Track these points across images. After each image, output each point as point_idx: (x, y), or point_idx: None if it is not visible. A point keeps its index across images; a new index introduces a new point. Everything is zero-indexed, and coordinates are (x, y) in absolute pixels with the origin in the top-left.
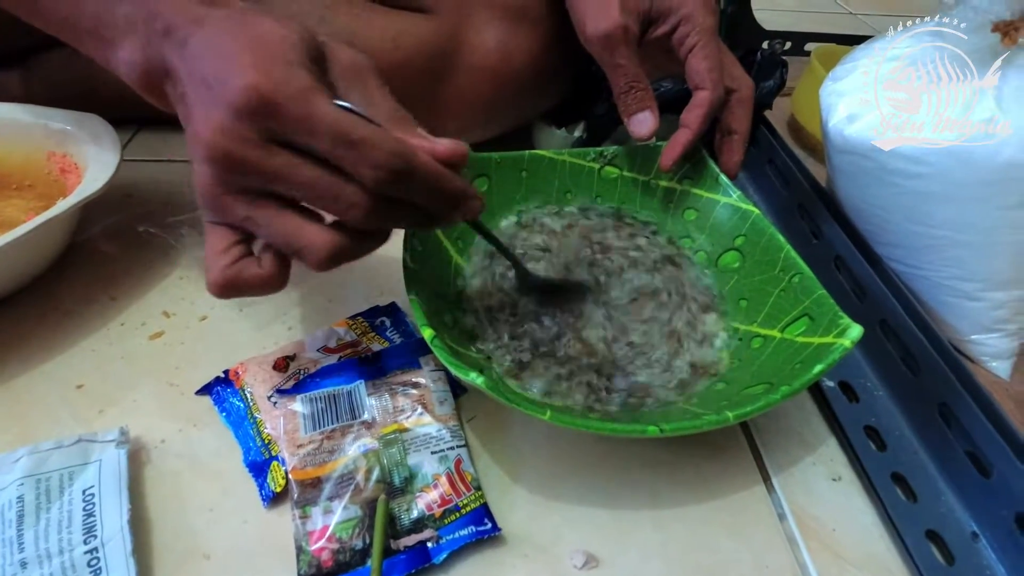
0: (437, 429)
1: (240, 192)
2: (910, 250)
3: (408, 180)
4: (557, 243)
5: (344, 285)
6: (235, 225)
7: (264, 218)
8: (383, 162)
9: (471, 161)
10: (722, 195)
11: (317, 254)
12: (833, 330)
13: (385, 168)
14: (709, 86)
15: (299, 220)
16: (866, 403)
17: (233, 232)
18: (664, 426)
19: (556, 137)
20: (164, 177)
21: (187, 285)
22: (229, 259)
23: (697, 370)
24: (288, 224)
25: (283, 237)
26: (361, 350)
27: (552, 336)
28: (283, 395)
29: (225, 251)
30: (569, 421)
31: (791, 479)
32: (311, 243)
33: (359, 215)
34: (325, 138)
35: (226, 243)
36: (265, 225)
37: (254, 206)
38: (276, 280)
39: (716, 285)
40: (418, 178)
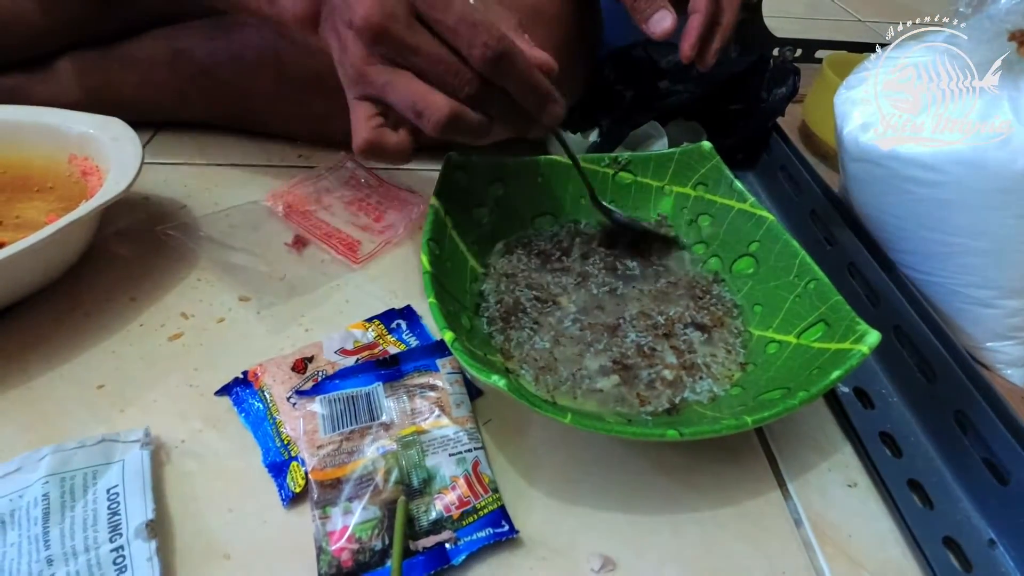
0: (455, 431)
1: (384, 61)
2: (924, 257)
3: (508, 65)
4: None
5: (360, 287)
6: (374, 97)
7: (401, 82)
8: (492, 44)
9: (489, 167)
10: (737, 201)
11: (437, 114)
12: (850, 336)
13: (492, 48)
14: None
15: (426, 87)
16: (881, 410)
17: (375, 107)
18: (683, 430)
19: (570, 141)
20: (181, 180)
21: (205, 287)
22: (373, 125)
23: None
24: (418, 89)
25: (413, 98)
26: (378, 352)
27: (569, 341)
28: (302, 396)
29: (368, 119)
30: (589, 424)
31: (807, 485)
32: (434, 104)
33: (470, 90)
34: (452, 14)
35: (370, 114)
36: (401, 88)
37: (394, 73)
38: (406, 146)
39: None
40: (516, 66)
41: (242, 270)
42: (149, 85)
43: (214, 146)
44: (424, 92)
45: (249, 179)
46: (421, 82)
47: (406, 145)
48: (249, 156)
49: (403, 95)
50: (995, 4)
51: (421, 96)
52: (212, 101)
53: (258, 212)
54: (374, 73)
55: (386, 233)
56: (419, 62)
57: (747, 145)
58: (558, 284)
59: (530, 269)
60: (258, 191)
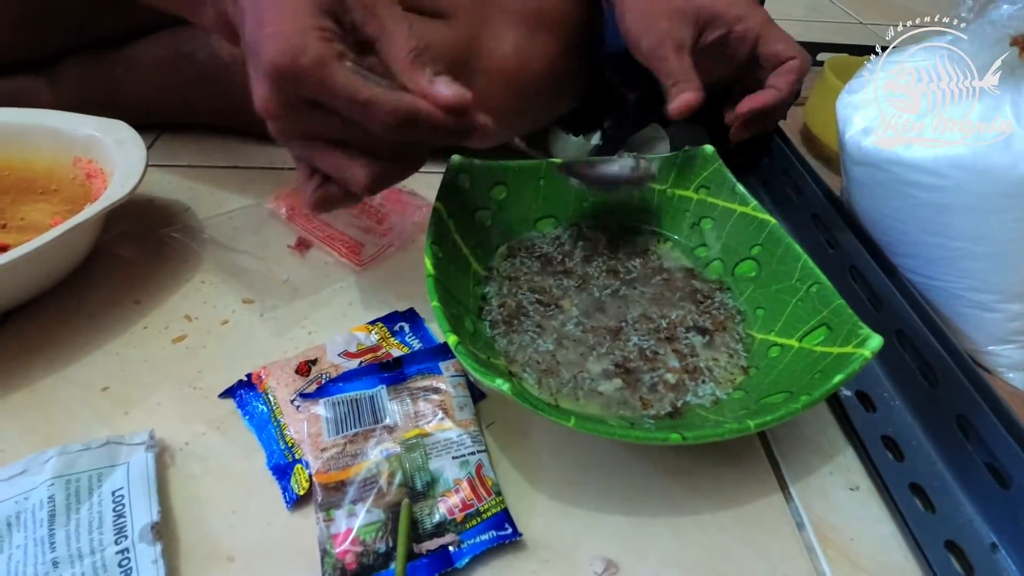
0: (458, 434)
1: (294, 138)
2: (926, 261)
3: (415, 128)
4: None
5: (363, 290)
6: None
7: (316, 157)
8: (388, 119)
9: (491, 170)
10: (739, 204)
11: (359, 183)
12: (852, 340)
13: (390, 123)
14: (797, 53)
15: (341, 157)
16: (883, 413)
17: (308, 168)
18: (686, 434)
19: (572, 144)
20: (185, 182)
21: (209, 289)
22: (314, 186)
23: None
24: (333, 160)
25: (332, 169)
26: (381, 355)
27: (572, 344)
28: (306, 399)
29: (309, 180)
30: (592, 428)
31: (808, 488)
32: (353, 174)
33: (386, 152)
34: (340, 101)
35: (308, 175)
36: (318, 160)
37: (308, 147)
38: (343, 199)
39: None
40: (422, 125)
41: (245, 272)
42: (152, 88)
43: (217, 148)
44: (340, 164)
45: (252, 182)
46: (336, 153)
47: (347, 194)
48: (252, 158)
49: (322, 166)
50: (997, 9)
51: (338, 168)
52: (215, 104)
53: (261, 215)
54: (293, 147)
55: (388, 236)
56: (327, 134)
57: (749, 148)
58: (560, 287)
59: (532, 272)
60: (261, 194)
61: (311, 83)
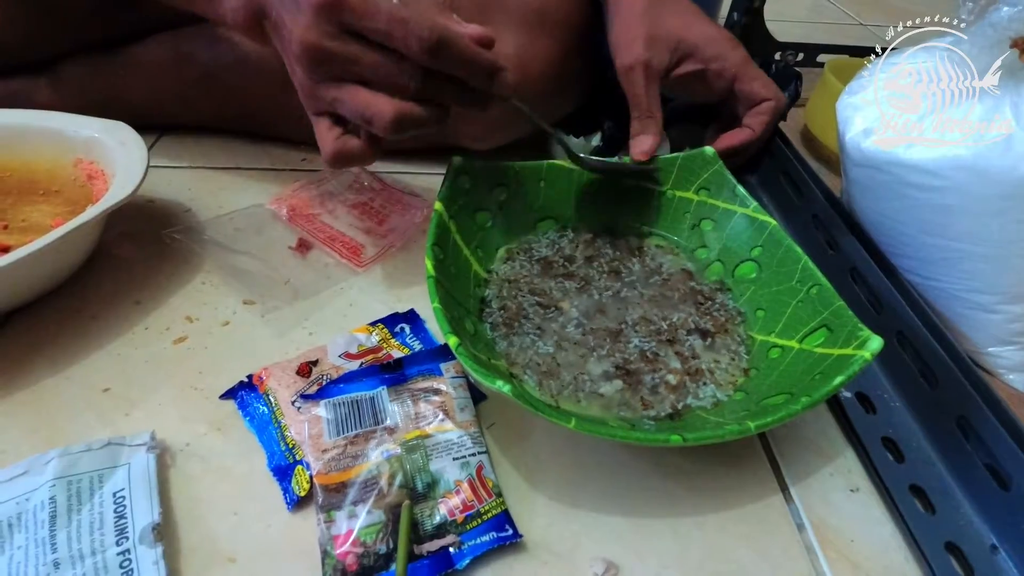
0: (458, 435)
1: (327, 79)
2: (926, 262)
3: (447, 50)
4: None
5: (364, 291)
6: (328, 111)
7: (347, 95)
8: (426, 35)
9: (492, 171)
10: (739, 206)
11: (383, 119)
12: (853, 342)
13: (428, 39)
14: (771, 95)
15: (370, 95)
16: (883, 414)
17: (332, 119)
18: (687, 435)
19: (573, 145)
20: (186, 183)
21: (210, 290)
22: (334, 136)
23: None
24: (363, 98)
25: (360, 108)
26: (382, 356)
27: (572, 346)
28: (307, 400)
29: (329, 131)
30: (593, 429)
31: (809, 490)
32: (378, 109)
33: (415, 85)
34: (382, 19)
35: (329, 126)
36: (348, 101)
37: (338, 88)
38: (370, 150)
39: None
40: (454, 49)
41: (246, 274)
42: (153, 89)
43: (218, 149)
44: (368, 100)
45: (253, 182)
46: (365, 91)
47: (367, 147)
48: (253, 160)
49: (351, 107)
50: (997, 11)
51: (366, 105)
52: (216, 105)
53: (262, 216)
54: (322, 91)
55: (389, 237)
56: (361, 71)
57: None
58: (561, 289)
59: (532, 274)
60: (262, 195)
61: (358, 6)
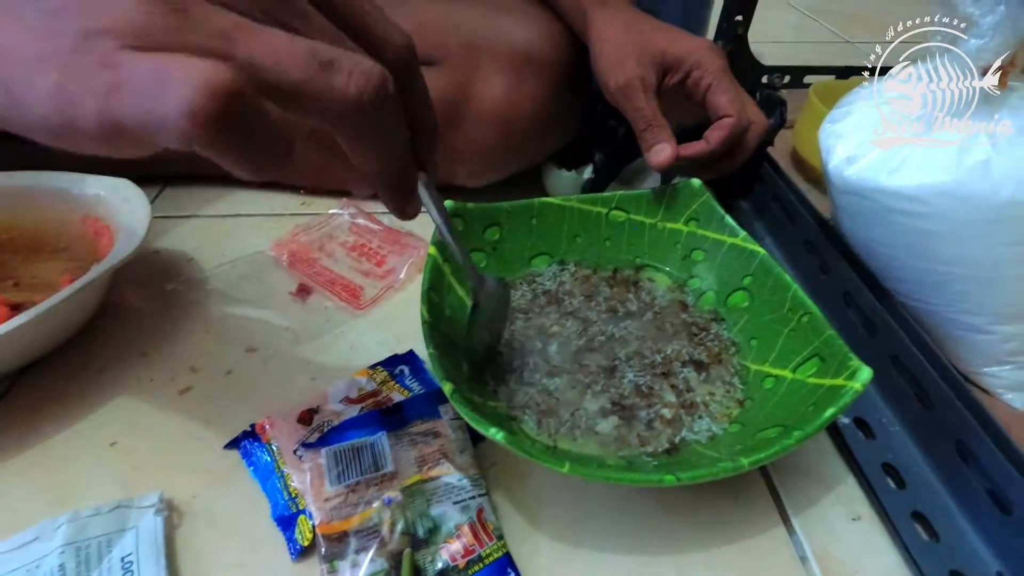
0: (459, 479)
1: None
2: (917, 285)
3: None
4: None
5: (363, 334)
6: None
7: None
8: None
9: (484, 212)
10: (728, 236)
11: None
12: (843, 371)
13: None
14: (733, 113)
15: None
16: (882, 440)
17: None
18: (680, 475)
19: (565, 179)
20: (189, 232)
21: (212, 339)
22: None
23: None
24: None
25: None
26: (382, 399)
27: (568, 383)
28: (308, 449)
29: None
30: (586, 473)
31: (811, 520)
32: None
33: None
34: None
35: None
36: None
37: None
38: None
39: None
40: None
41: (248, 321)
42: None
43: (220, 198)
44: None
45: (254, 229)
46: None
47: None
48: (254, 206)
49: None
50: (965, 44)
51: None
52: None
53: (263, 262)
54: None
55: (388, 278)
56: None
57: (739, 175)
58: (556, 324)
59: (527, 312)
60: (263, 240)
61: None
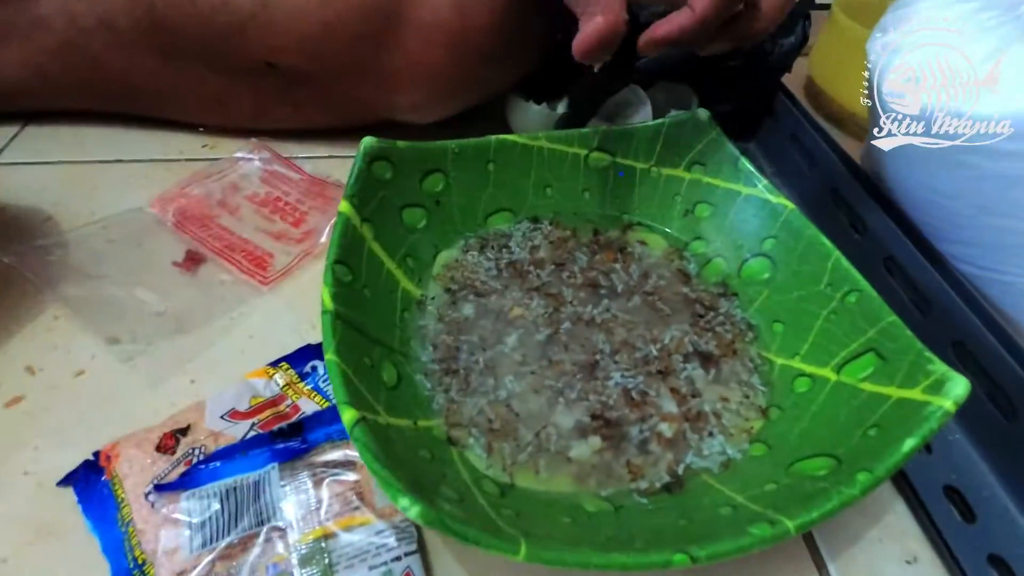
0: (379, 530)
1: None
2: (987, 249)
3: None
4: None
5: (269, 317)
6: None
7: None
8: None
9: (421, 155)
10: (744, 185)
11: None
12: (920, 380)
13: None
14: None
15: None
16: (942, 454)
17: None
18: (696, 552)
19: (535, 114)
20: (50, 183)
21: (63, 328)
22: None
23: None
24: None
25: None
26: (284, 411)
27: (533, 388)
28: (163, 492)
29: None
30: (554, 559)
31: (852, 565)
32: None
33: None
34: None
35: None
36: None
37: None
38: None
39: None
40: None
41: (114, 302)
42: (4, 63)
43: (97, 139)
44: None
45: (139, 179)
46: None
47: None
48: (141, 149)
49: None
50: None
51: None
52: (84, 82)
53: (143, 222)
54: None
55: (306, 241)
56: None
57: (748, 111)
58: (519, 306)
59: (481, 289)
60: (145, 194)
61: None
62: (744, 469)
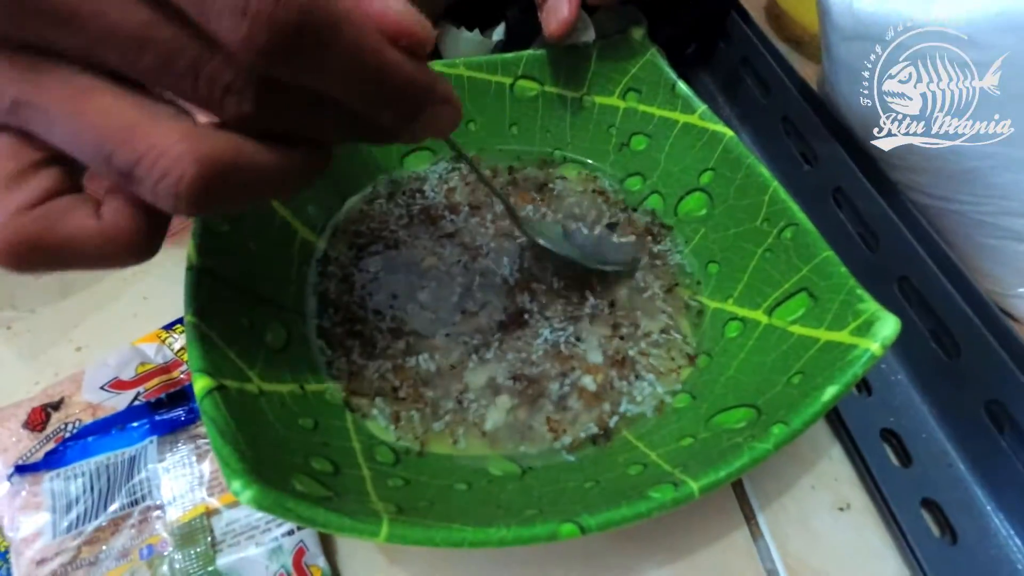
0: None
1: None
2: (939, 176)
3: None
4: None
5: (166, 276)
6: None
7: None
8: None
9: None
10: (681, 112)
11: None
12: (850, 320)
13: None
14: None
15: (133, 106)
16: (882, 396)
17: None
18: (587, 521)
19: (468, 42)
20: None
21: None
22: (28, 195)
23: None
24: (109, 112)
25: (100, 139)
26: (177, 376)
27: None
28: (25, 473)
29: (18, 178)
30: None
31: (783, 513)
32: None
33: (238, 108)
34: None
35: (19, 163)
36: (58, 115)
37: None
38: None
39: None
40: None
41: None
42: None
43: None
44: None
45: None
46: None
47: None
48: None
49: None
50: None
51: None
52: None
53: None
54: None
55: None
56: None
57: (699, 33)
58: (430, 254)
59: (390, 238)
60: None
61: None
62: (665, 423)
